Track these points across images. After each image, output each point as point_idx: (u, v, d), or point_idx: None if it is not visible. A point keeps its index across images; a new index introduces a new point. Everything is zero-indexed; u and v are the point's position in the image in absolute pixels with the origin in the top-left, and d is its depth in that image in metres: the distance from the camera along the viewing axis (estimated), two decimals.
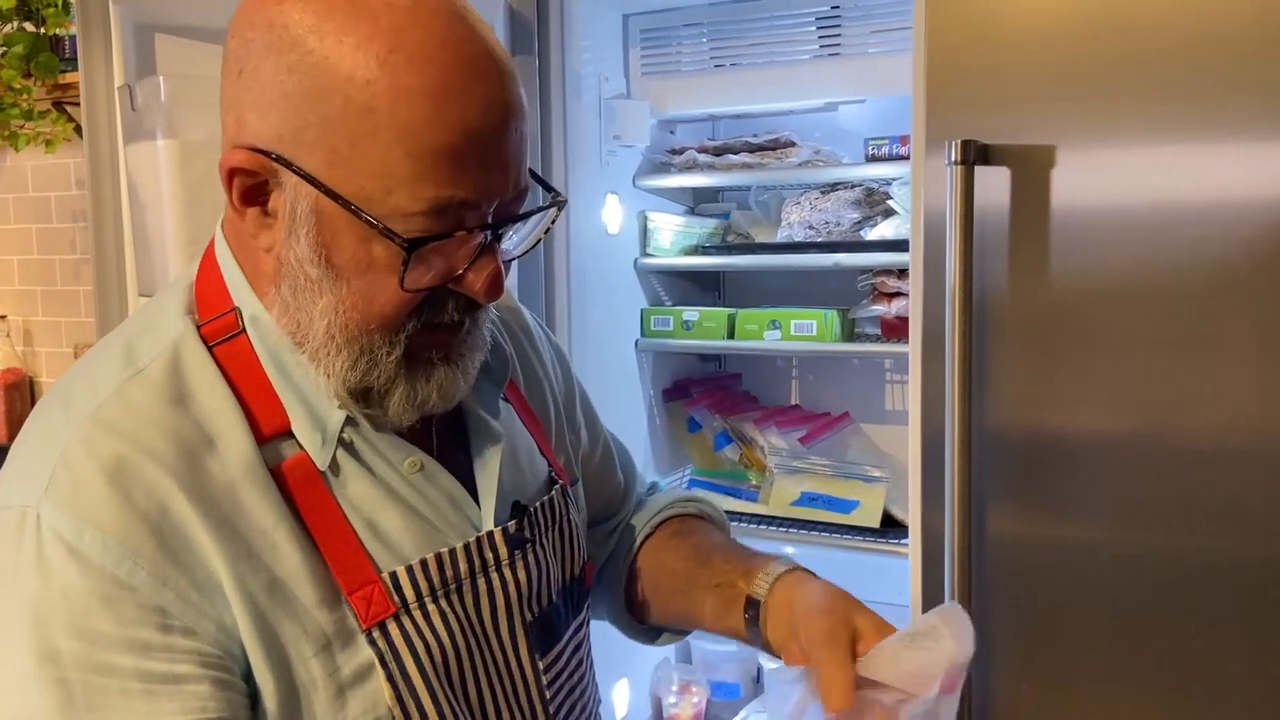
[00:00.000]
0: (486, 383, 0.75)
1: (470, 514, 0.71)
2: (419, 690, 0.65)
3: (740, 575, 0.80)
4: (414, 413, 0.66)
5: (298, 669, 0.62)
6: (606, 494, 0.95)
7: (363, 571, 0.65)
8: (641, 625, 0.92)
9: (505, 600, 0.72)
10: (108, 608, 0.58)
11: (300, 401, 0.65)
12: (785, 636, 0.74)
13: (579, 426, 0.91)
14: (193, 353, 0.65)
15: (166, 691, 0.58)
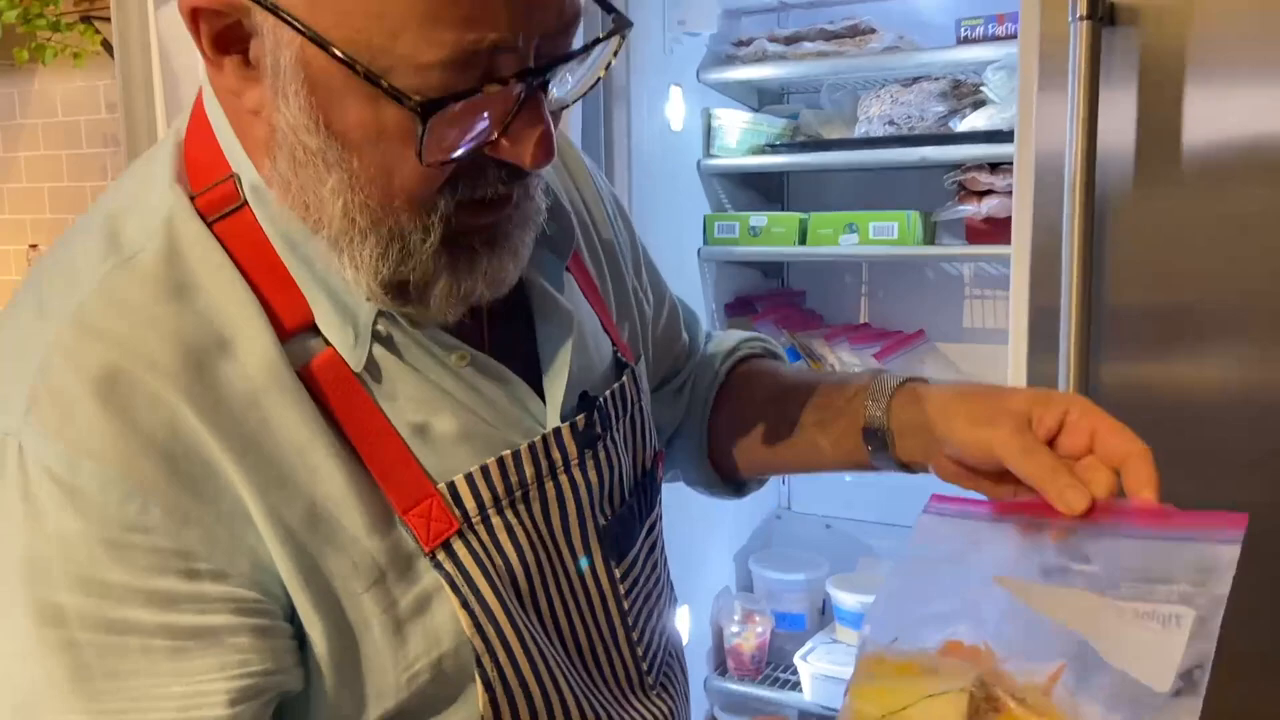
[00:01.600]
0: (548, 253, 0.64)
1: (533, 409, 0.61)
2: (496, 614, 0.55)
3: (844, 404, 0.71)
4: (460, 307, 0.55)
5: (348, 607, 0.53)
6: (672, 356, 0.85)
7: (418, 486, 0.55)
8: (725, 480, 0.83)
9: (576, 505, 0.62)
10: (117, 555, 0.47)
11: (323, 290, 0.54)
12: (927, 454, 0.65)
13: (646, 288, 0.80)
14: (191, 232, 0.53)
15: (199, 648, 0.49)
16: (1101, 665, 0.47)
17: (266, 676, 0.50)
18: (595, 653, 0.63)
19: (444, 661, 0.55)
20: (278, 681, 0.51)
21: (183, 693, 0.48)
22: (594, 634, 0.63)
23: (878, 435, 0.69)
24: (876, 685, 0.53)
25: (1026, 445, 0.56)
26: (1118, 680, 0.46)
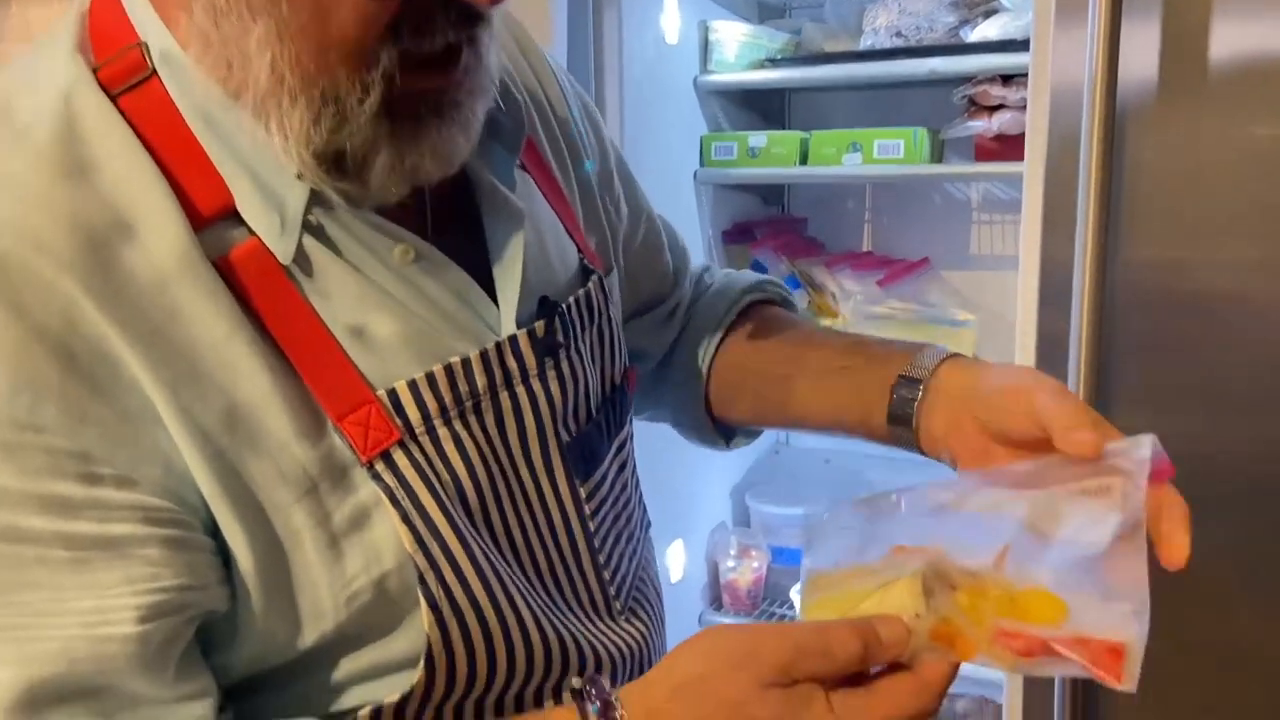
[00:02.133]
0: (496, 145, 0.59)
1: (486, 315, 0.56)
2: (442, 530, 0.51)
3: (879, 357, 0.66)
4: (403, 183, 0.49)
5: (275, 519, 0.48)
6: (655, 278, 0.79)
7: (354, 391, 0.50)
8: (715, 425, 0.78)
9: (535, 419, 0.57)
10: (6, 456, 0.43)
11: (244, 171, 0.48)
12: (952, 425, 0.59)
13: (618, 198, 0.75)
14: (91, 105, 0.47)
15: (102, 559, 0.44)
16: (1042, 544, 0.48)
17: (182, 592, 0.46)
18: (556, 574, 0.59)
19: (387, 580, 0.50)
20: (196, 598, 0.47)
21: (86, 608, 0.44)
22: (554, 555, 0.59)
23: (912, 387, 0.62)
24: (828, 595, 0.52)
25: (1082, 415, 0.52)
26: (1060, 554, 0.48)
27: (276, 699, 0.52)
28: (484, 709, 0.55)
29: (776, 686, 0.46)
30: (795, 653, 0.47)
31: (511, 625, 0.54)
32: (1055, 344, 0.98)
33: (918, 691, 0.47)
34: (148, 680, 0.46)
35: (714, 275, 0.85)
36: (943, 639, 0.47)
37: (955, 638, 0.47)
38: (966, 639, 0.47)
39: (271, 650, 0.50)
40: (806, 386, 0.71)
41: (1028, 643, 0.46)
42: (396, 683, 0.52)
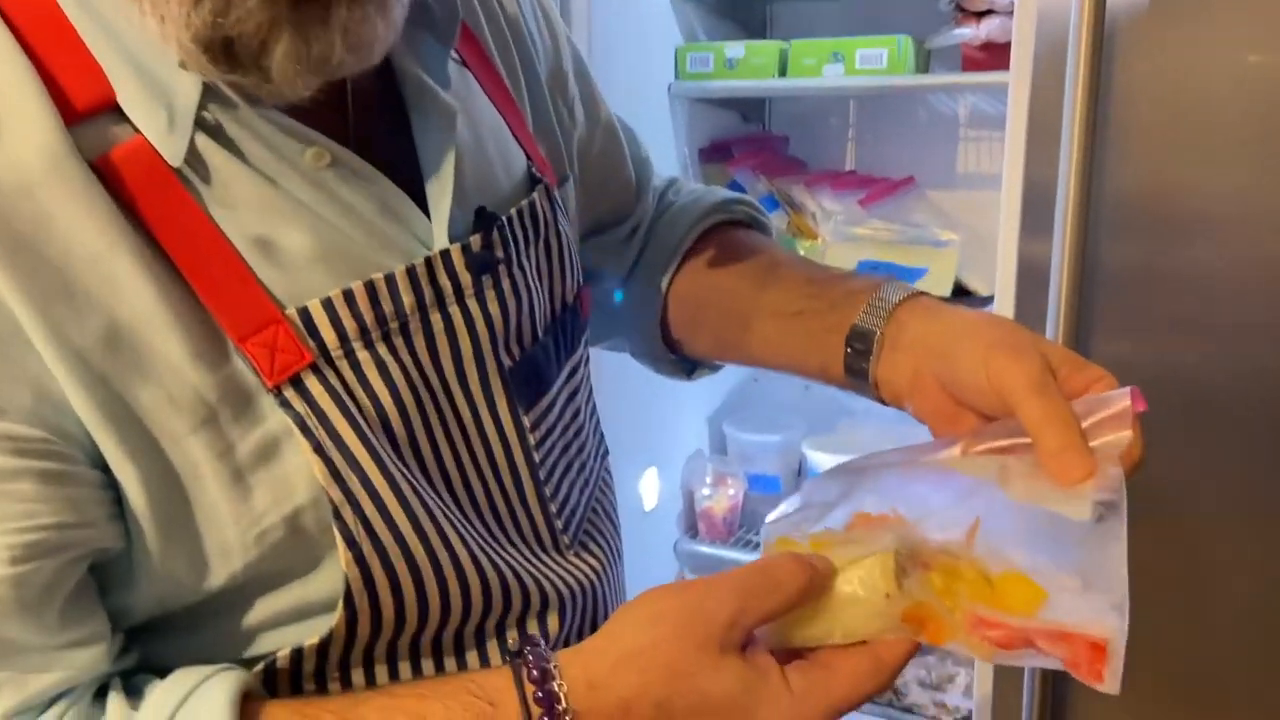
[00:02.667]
0: (427, 35, 0.53)
1: (415, 228, 0.51)
2: (361, 461, 0.46)
3: (835, 300, 0.61)
4: (312, 75, 0.43)
5: (170, 451, 0.43)
6: (614, 191, 0.74)
7: (258, 309, 0.45)
8: (675, 357, 0.74)
9: (472, 342, 0.52)
10: None
11: (125, 58, 0.43)
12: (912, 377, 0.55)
13: (572, 100, 0.69)
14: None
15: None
16: (1014, 513, 0.45)
17: (62, 531, 0.41)
18: (497, 508, 0.55)
19: (301, 516, 0.46)
20: (79, 537, 0.42)
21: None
22: (495, 488, 0.55)
23: (865, 340, 0.58)
24: None
25: (1043, 385, 0.48)
26: (1033, 523, 0.45)
27: (189, 642, 0.48)
28: (420, 649, 0.51)
29: (731, 652, 0.44)
30: (743, 598, 0.44)
31: (444, 562, 0.50)
32: (1036, 267, 0.94)
33: (875, 671, 0.45)
34: (26, 625, 0.42)
35: (680, 191, 0.79)
36: (914, 621, 0.45)
37: (927, 621, 0.45)
38: (940, 624, 0.44)
39: (176, 591, 0.46)
40: (763, 330, 0.66)
41: (1007, 634, 0.43)
42: (319, 625, 0.48)
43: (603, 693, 0.45)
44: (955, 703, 1.35)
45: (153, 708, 0.44)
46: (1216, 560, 0.92)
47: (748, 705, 0.43)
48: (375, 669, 0.50)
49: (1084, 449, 0.45)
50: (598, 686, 0.45)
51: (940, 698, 1.35)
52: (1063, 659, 0.42)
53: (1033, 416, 0.47)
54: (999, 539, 0.45)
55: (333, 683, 0.49)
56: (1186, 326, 0.89)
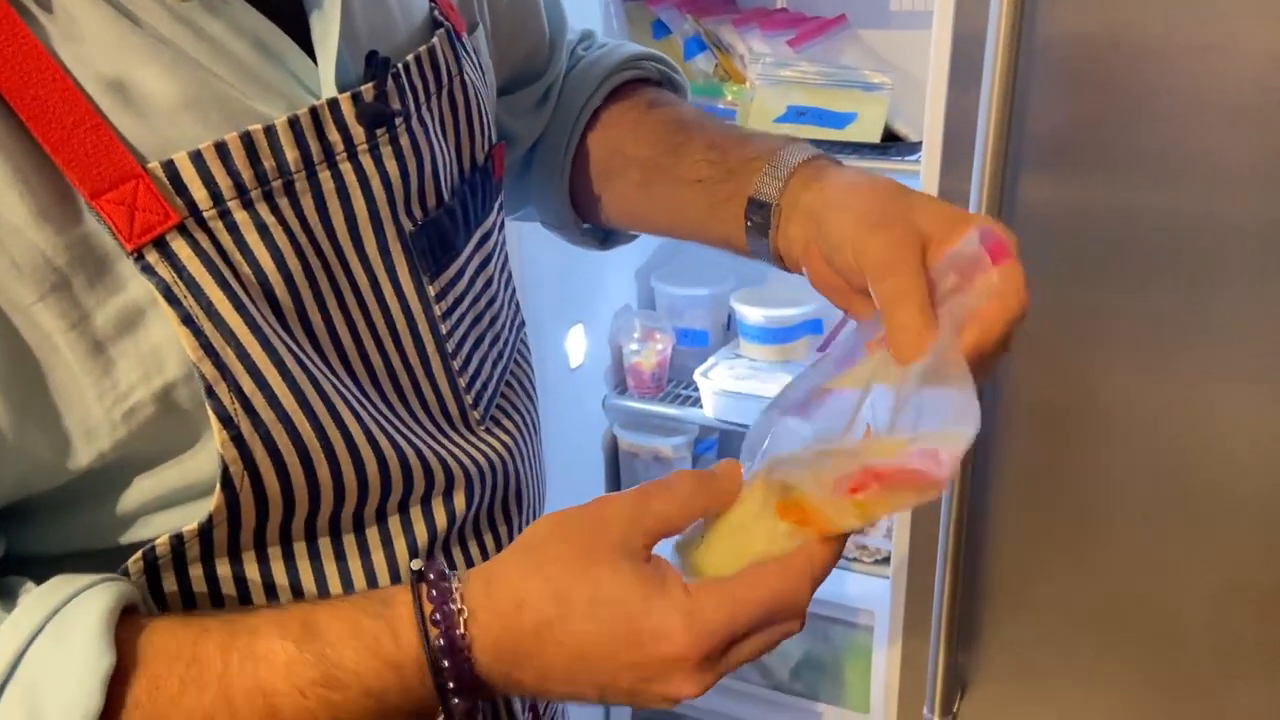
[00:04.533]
0: None
1: (300, 72, 0.46)
2: (238, 332, 0.43)
3: (734, 167, 0.58)
4: None
5: (17, 321, 0.39)
6: (526, 46, 0.69)
7: (115, 162, 0.40)
8: (587, 225, 0.71)
9: (367, 202, 0.48)
10: None
11: None
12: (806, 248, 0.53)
13: None
14: None
15: None
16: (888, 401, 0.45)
17: None
18: (399, 383, 0.52)
19: (174, 392, 0.43)
20: None
21: None
22: (397, 361, 0.52)
23: (763, 211, 0.55)
24: None
25: (898, 261, 0.46)
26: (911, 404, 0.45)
27: (61, 528, 0.45)
28: (316, 530, 0.49)
29: (631, 555, 0.43)
30: (641, 501, 0.44)
31: (335, 440, 0.47)
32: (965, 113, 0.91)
33: (780, 572, 0.44)
34: None
35: (590, 46, 0.73)
36: (793, 515, 0.44)
37: (804, 510, 0.44)
38: (812, 504, 0.44)
39: (37, 473, 0.43)
40: (666, 199, 0.63)
41: (860, 478, 0.43)
42: (201, 509, 0.45)
43: (500, 588, 0.43)
44: (876, 544, 1.40)
45: (24, 612, 0.41)
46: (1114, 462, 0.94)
47: (645, 605, 0.42)
48: (268, 553, 0.48)
49: (918, 327, 0.45)
50: (494, 583, 0.44)
51: (861, 540, 1.40)
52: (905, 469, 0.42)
53: (881, 299, 0.46)
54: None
55: (222, 569, 0.47)
56: (1112, 169, 0.88)
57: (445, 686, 0.43)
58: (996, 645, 1.07)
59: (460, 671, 0.43)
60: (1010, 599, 1.05)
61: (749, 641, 0.44)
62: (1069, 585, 1.01)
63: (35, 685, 0.39)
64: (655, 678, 0.43)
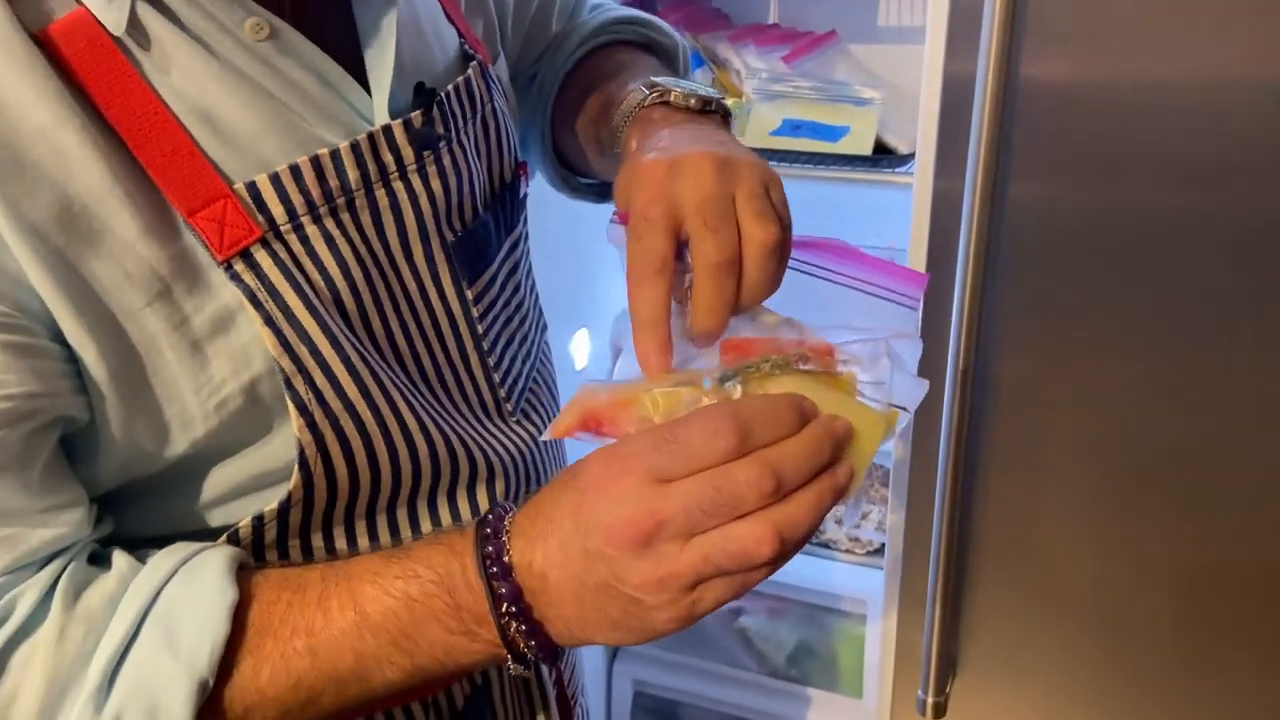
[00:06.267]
0: None
1: (356, 102, 0.52)
2: (311, 332, 0.48)
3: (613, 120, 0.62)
4: None
5: (128, 325, 0.45)
6: (539, 47, 0.76)
7: (207, 184, 0.45)
8: (583, 181, 0.76)
9: (416, 217, 0.54)
10: None
11: None
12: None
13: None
14: None
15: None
16: None
17: (31, 400, 0.43)
18: (444, 378, 0.58)
19: (258, 385, 0.49)
20: (48, 405, 0.44)
21: None
22: (441, 358, 0.58)
23: (615, 133, 0.59)
24: None
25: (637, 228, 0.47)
26: None
27: (156, 512, 0.51)
28: (375, 514, 0.55)
29: None
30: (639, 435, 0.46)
31: (393, 428, 0.53)
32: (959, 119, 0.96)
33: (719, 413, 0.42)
34: (9, 488, 0.44)
35: (580, 11, 0.78)
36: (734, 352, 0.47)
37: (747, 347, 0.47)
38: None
39: (141, 460, 0.48)
40: (587, 137, 0.68)
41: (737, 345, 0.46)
42: (278, 493, 0.51)
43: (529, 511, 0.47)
44: (869, 537, 1.46)
45: (156, 563, 0.47)
46: None
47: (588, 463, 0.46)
48: (334, 534, 0.53)
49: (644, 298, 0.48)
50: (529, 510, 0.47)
51: (855, 533, 1.46)
52: None
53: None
54: None
55: (293, 550, 0.53)
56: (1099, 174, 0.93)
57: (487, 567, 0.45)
58: (986, 631, 1.13)
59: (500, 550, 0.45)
60: (1000, 587, 1.11)
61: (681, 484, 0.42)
62: (1056, 573, 1.07)
63: (170, 617, 0.45)
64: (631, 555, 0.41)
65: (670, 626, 0.43)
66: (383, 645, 0.46)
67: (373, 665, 0.47)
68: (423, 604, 0.46)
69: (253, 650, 0.46)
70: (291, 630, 0.46)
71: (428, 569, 0.47)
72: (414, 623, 0.46)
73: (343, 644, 0.46)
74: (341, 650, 0.46)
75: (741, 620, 1.51)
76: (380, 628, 0.46)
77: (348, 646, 0.46)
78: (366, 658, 0.47)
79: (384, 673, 0.47)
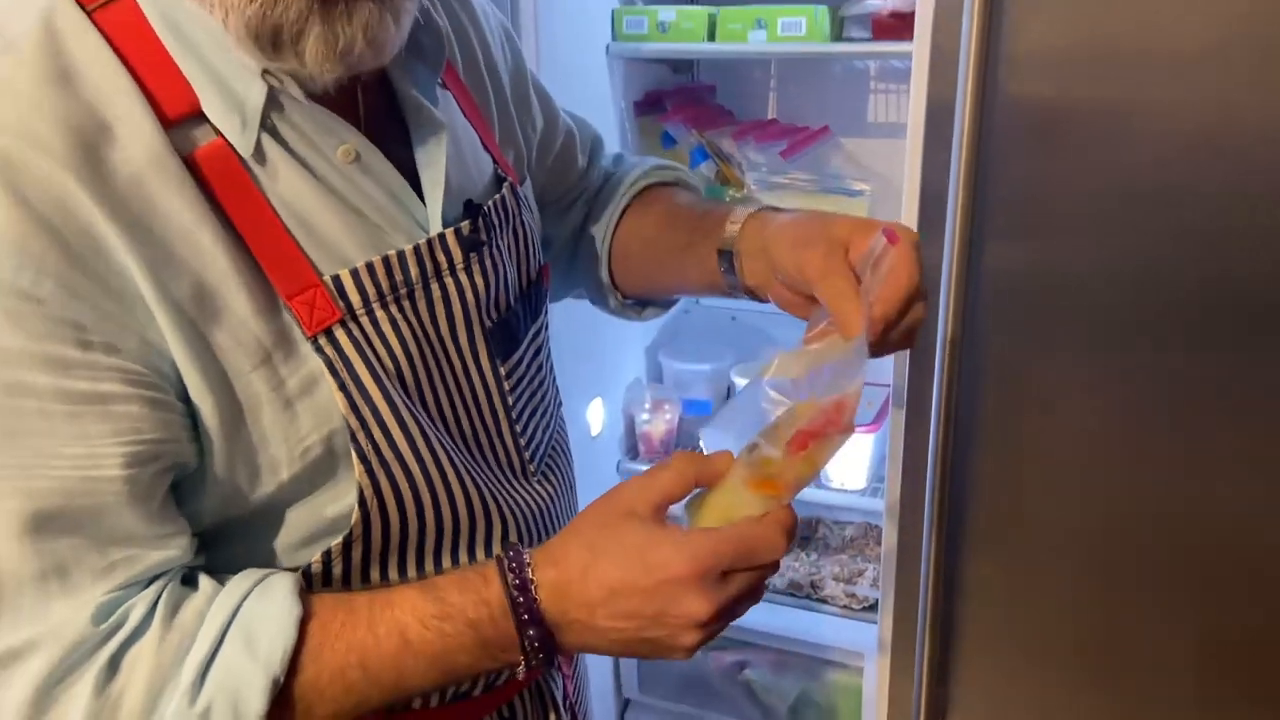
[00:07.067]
0: (420, 65, 0.66)
1: (416, 213, 0.64)
2: (374, 398, 0.60)
3: (710, 228, 0.77)
4: (337, 63, 0.55)
5: (237, 385, 0.56)
6: (569, 179, 0.90)
7: (302, 275, 0.58)
8: (626, 300, 0.89)
9: (462, 306, 0.66)
10: (13, 322, 0.50)
11: (209, 76, 0.55)
12: (766, 279, 0.71)
13: (532, 109, 0.83)
14: (69, 21, 0.53)
15: (93, 413, 0.52)
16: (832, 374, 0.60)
17: (159, 444, 0.54)
18: (479, 440, 0.70)
19: (335, 438, 0.60)
20: (171, 450, 0.55)
21: (80, 454, 0.52)
22: (478, 424, 0.69)
23: (727, 256, 0.74)
24: None
25: (830, 268, 0.62)
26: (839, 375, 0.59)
27: (240, 552, 0.62)
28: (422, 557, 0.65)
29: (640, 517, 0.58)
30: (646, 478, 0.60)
31: (435, 479, 0.64)
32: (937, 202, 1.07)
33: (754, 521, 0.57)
34: (136, 517, 0.55)
35: (621, 163, 0.93)
36: (764, 487, 0.59)
37: (771, 482, 0.58)
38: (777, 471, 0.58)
39: (234, 498, 0.59)
40: (669, 263, 0.82)
41: (801, 438, 0.58)
42: (342, 533, 0.62)
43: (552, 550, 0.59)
44: (864, 593, 1.55)
45: (236, 582, 0.58)
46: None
47: (651, 542, 0.57)
48: (388, 573, 0.64)
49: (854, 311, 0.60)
50: (549, 548, 0.60)
51: (851, 589, 1.56)
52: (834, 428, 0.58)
53: (825, 299, 0.63)
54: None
55: (354, 584, 0.63)
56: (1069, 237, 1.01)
57: (520, 615, 0.57)
58: (973, 682, 1.21)
59: (530, 605, 0.58)
60: (985, 640, 1.19)
61: (739, 575, 0.57)
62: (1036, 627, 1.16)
63: (249, 627, 0.56)
64: (669, 599, 0.55)
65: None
66: (420, 664, 0.58)
67: (411, 677, 0.59)
68: (455, 639, 0.58)
69: (314, 659, 0.56)
70: (346, 646, 0.57)
71: (460, 613, 0.58)
72: (447, 651, 0.58)
73: (388, 662, 0.57)
74: (387, 667, 0.58)
75: (746, 673, 1.60)
76: (420, 653, 0.58)
77: (392, 664, 0.58)
78: (407, 672, 0.58)
79: (420, 683, 0.59)
